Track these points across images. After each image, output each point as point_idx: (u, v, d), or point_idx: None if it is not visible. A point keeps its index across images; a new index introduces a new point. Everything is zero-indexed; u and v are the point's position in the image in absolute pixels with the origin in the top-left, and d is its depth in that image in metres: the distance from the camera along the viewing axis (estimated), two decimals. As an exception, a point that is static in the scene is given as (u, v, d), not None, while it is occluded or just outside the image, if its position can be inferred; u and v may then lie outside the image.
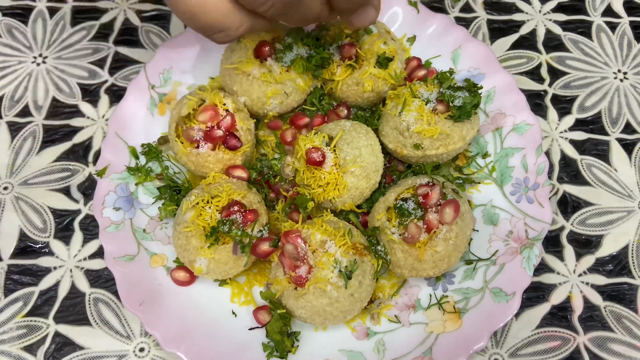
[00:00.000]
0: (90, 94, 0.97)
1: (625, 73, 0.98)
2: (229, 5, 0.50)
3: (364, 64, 0.86)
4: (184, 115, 0.83)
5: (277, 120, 0.90)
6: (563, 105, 0.96)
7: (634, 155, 0.91)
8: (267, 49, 0.85)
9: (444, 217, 0.73)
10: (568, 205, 0.88)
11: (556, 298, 0.81)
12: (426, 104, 0.80)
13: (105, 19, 1.04)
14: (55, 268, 0.84)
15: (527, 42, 1.02)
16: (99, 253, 0.84)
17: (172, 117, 0.84)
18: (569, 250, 0.84)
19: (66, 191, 0.89)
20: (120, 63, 1.00)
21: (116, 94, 0.97)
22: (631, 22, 1.04)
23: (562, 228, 0.86)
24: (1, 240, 0.85)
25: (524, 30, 1.03)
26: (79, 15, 1.04)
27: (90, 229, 0.86)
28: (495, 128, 0.88)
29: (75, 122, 0.95)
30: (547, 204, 0.80)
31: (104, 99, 0.96)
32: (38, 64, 1.00)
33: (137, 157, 0.87)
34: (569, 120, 0.94)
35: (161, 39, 1.02)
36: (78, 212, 0.87)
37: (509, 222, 0.81)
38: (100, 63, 1.00)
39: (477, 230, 0.82)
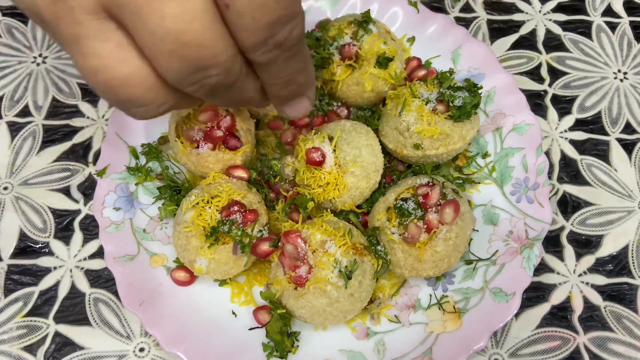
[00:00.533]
0: (90, 94, 0.97)
1: (625, 73, 0.98)
2: (154, 80, 0.45)
3: (364, 64, 0.86)
4: (184, 115, 0.83)
5: (277, 120, 0.90)
6: (563, 105, 0.96)
7: (634, 155, 0.91)
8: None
9: (444, 217, 0.73)
10: (568, 205, 0.88)
11: (556, 298, 0.81)
12: (426, 104, 0.80)
13: (105, 19, 1.04)
14: (55, 268, 0.84)
15: (527, 42, 1.02)
16: (99, 253, 0.84)
17: (172, 117, 0.83)
18: (569, 250, 0.84)
19: (66, 191, 0.89)
20: (120, 63, 1.00)
21: (116, 94, 0.97)
22: (631, 22, 1.04)
23: (562, 228, 0.86)
24: (1, 240, 0.85)
25: (524, 30, 1.03)
26: (79, 15, 1.04)
27: (90, 229, 0.86)
28: (495, 128, 0.88)
29: (75, 122, 0.95)
30: (547, 204, 0.80)
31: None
32: (38, 64, 1.00)
33: (137, 157, 0.87)
34: (569, 120, 0.94)
35: (161, 39, 1.02)
36: (78, 212, 0.88)
37: (509, 222, 0.81)
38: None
39: (477, 230, 0.82)
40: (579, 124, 0.94)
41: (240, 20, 0.42)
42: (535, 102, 0.96)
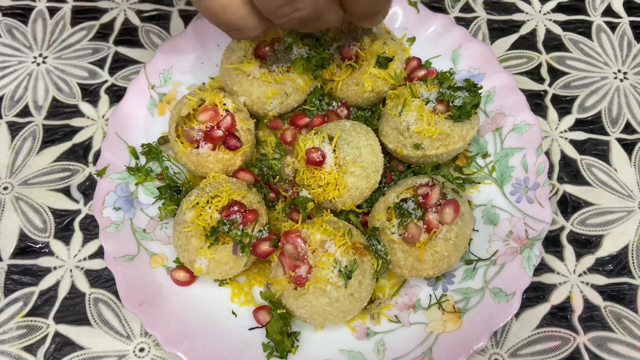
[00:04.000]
0: (90, 94, 0.97)
1: (625, 73, 0.98)
2: (247, 9, 0.53)
3: (364, 64, 0.86)
4: (184, 115, 0.83)
5: (277, 120, 0.90)
6: (563, 105, 0.96)
7: (634, 155, 0.91)
8: (267, 49, 0.85)
9: (444, 217, 0.73)
10: (568, 205, 0.88)
11: (556, 298, 0.81)
12: (426, 104, 0.80)
13: (105, 19, 1.04)
14: (55, 268, 0.84)
15: (527, 42, 1.02)
16: (99, 253, 0.84)
17: (172, 117, 0.84)
18: (569, 250, 0.84)
19: (66, 191, 0.89)
20: (120, 63, 1.00)
21: (116, 94, 0.97)
22: (631, 22, 1.04)
23: (562, 228, 0.86)
24: (1, 240, 0.85)
25: (524, 30, 1.03)
26: (79, 15, 1.04)
27: (90, 229, 0.86)
28: (495, 128, 0.88)
29: (75, 122, 0.95)
30: (547, 204, 0.80)
31: (104, 99, 0.96)
32: (38, 64, 1.00)
33: (137, 157, 0.87)
34: (569, 120, 0.94)
35: (161, 39, 1.02)
36: (78, 212, 0.87)
37: (509, 222, 0.81)
38: (100, 63, 1.00)
39: (477, 230, 0.82)
40: (579, 124, 0.94)
41: None
42: (535, 102, 0.96)
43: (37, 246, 0.85)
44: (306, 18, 0.54)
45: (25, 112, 0.95)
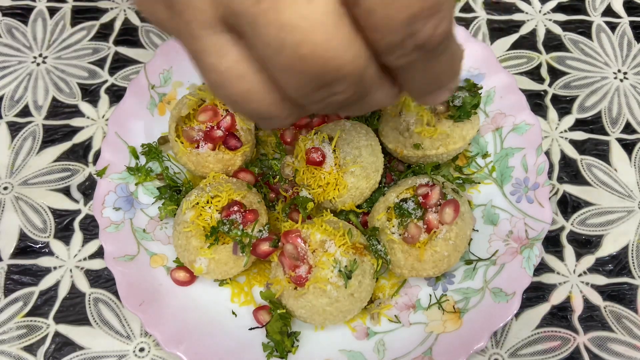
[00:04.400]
0: (90, 94, 0.97)
1: (625, 73, 0.98)
2: (276, 96, 0.41)
3: (364, 64, 0.86)
4: (184, 115, 0.83)
5: (277, 120, 0.90)
6: (563, 105, 0.96)
7: (634, 155, 0.91)
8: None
9: (444, 217, 0.73)
10: (568, 205, 0.88)
11: (556, 298, 0.81)
12: (426, 104, 0.81)
13: (105, 19, 1.04)
14: (55, 268, 0.84)
15: (527, 42, 1.02)
16: (99, 253, 0.84)
17: (172, 117, 0.84)
18: (569, 250, 0.84)
19: (66, 191, 0.89)
20: (120, 63, 1.00)
21: (116, 94, 0.97)
22: (631, 22, 1.04)
23: (562, 228, 0.86)
24: (1, 240, 0.85)
25: (524, 30, 1.03)
26: (79, 15, 1.04)
27: (90, 229, 0.86)
28: (495, 128, 0.88)
29: (75, 122, 0.95)
30: (547, 204, 0.80)
31: (104, 99, 0.96)
32: (38, 64, 1.00)
33: (137, 157, 0.87)
34: (569, 120, 0.94)
35: (161, 39, 1.02)
36: (78, 212, 0.88)
37: (509, 222, 0.81)
38: (100, 63, 1.00)
39: (477, 230, 0.82)
40: (579, 124, 0.94)
41: (371, 18, 0.35)
42: (535, 102, 0.96)
43: (37, 246, 0.85)
44: (347, 102, 0.41)
45: (25, 112, 0.95)
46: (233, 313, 0.78)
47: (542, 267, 0.83)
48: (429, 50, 0.38)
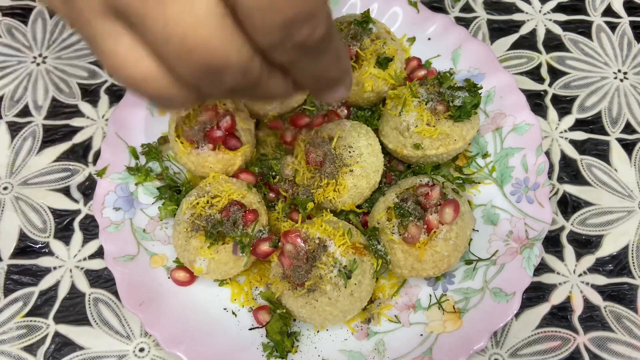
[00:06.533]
0: (90, 94, 0.97)
1: (625, 73, 0.98)
2: (172, 79, 0.43)
3: (364, 64, 0.86)
4: (184, 115, 0.83)
5: (277, 120, 0.90)
6: (563, 105, 0.96)
7: (634, 155, 0.91)
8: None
9: (444, 217, 0.73)
10: (568, 205, 0.88)
11: (556, 298, 0.81)
12: (426, 104, 0.80)
13: (105, 19, 1.04)
14: (55, 268, 0.84)
15: (527, 42, 1.02)
16: (99, 253, 0.84)
17: (172, 117, 0.83)
18: (569, 250, 0.84)
19: (66, 191, 0.89)
20: (120, 63, 1.00)
21: (116, 94, 0.97)
22: (631, 22, 1.04)
23: (562, 228, 0.86)
24: (1, 240, 0.85)
25: (524, 30, 1.03)
26: (79, 15, 1.04)
27: (90, 229, 0.86)
28: (495, 128, 0.88)
29: (75, 122, 0.95)
30: (547, 204, 0.80)
31: (104, 99, 0.96)
32: (38, 64, 1.00)
33: (137, 157, 0.87)
34: (569, 120, 0.94)
35: (161, 39, 1.02)
36: (78, 212, 0.87)
37: (509, 222, 0.81)
38: (100, 63, 1.00)
39: (477, 230, 0.82)
40: (579, 124, 0.94)
41: (250, 20, 0.38)
42: (535, 102, 0.96)
43: (37, 246, 0.85)
44: (238, 87, 0.44)
45: (25, 112, 0.95)
46: (233, 313, 0.78)
47: (542, 267, 0.83)
48: (309, 50, 0.42)
